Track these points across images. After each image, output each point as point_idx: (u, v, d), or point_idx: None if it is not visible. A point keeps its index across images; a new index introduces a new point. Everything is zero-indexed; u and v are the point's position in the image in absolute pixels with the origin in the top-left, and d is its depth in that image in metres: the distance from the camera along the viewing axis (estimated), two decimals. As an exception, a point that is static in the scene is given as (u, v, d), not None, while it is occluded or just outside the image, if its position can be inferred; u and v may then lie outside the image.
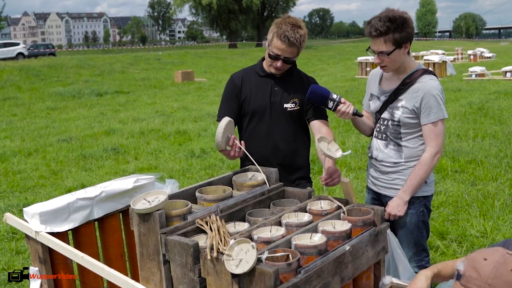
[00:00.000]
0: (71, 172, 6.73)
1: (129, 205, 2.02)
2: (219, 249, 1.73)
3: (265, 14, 55.20)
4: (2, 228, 4.50)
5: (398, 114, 2.56)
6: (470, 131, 7.70)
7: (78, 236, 2.38)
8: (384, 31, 2.40)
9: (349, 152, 2.49)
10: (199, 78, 20.27)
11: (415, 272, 2.28)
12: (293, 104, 2.71)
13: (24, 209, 2.29)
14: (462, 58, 25.67)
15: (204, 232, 1.95)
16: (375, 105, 2.70)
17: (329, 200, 2.23)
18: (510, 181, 5.33)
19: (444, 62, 16.71)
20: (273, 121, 2.71)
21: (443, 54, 19.13)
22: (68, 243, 2.31)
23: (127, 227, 2.57)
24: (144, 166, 6.85)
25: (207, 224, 1.94)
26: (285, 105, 2.70)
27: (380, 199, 2.76)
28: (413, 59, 2.68)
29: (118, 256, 2.53)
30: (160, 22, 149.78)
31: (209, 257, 1.72)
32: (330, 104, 2.51)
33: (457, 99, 11.18)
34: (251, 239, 1.85)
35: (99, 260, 2.29)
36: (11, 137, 9.27)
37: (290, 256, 1.75)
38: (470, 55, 24.60)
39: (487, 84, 13.68)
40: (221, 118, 2.52)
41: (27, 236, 2.28)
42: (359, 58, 18.71)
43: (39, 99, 15.63)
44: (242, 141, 2.53)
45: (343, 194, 2.33)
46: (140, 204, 1.97)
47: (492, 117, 8.88)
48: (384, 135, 2.65)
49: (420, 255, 2.70)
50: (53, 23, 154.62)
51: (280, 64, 2.62)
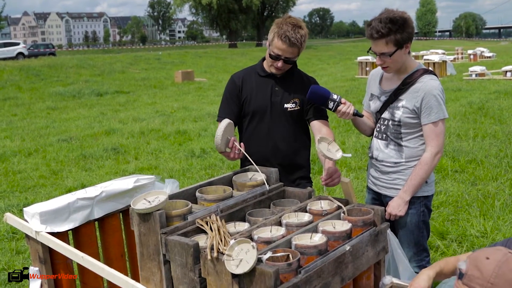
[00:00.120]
0: (71, 172, 6.73)
1: (130, 205, 2.02)
2: (220, 249, 1.73)
3: (265, 14, 55.23)
4: (2, 228, 4.50)
5: (399, 114, 2.56)
6: (470, 131, 7.70)
7: (78, 236, 2.38)
8: (386, 33, 2.39)
9: (349, 155, 2.49)
10: (199, 78, 20.27)
11: (416, 272, 2.28)
12: (294, 104, 2.71)
13: (24, 209, 2.29)
14: (462, 58, 25.68)
15: (204, 232, 1.95)
16: (376, 105, 2.70)
17: (329, 200, 2.23)
18: (510, 181, 5.33)
19: (444, 62, 16.70)
20: (274, 121, 2.71)
21: (443, 54, 19.10)
22: (68, 243, 2.31)
23: (128, 227, 2.57)
24: (144, 166, 6.85)
25: (207, 224, 1.94)
26: (286, 105, 2.70)
27: (381, 199, 2.76)
28: (413, 59, 2.68)
29: (119, 256, 2.53)
30: (160, 22, 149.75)
31: (210, 257, 1.72)
32: (331, 105, 2.50)
33: (457, 99, 11.18)
34: (251, 239, 1.85)
35: (99, 260, 2.29)
36: (11, 137, 9.27)
37: (290, 256, 1.75)
38: (470, 55, 24.62)
39: (487, 84, 13.67)
40: (222, 119, 2.52)
41: (27, 236, 2.28)
42: (359, 58, 18.72)
43: (39, 99, 15.63)
44: (242, 143, 2.53)
45: (343, 194, 2.33)
46: (141, 204, 1.97)
47: (492, 117, 8.87)
48: (385, 135, 2.65)
49: (421, 255, 2.70)
50: (53, 23, 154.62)
51: (281, 64, 2.62)
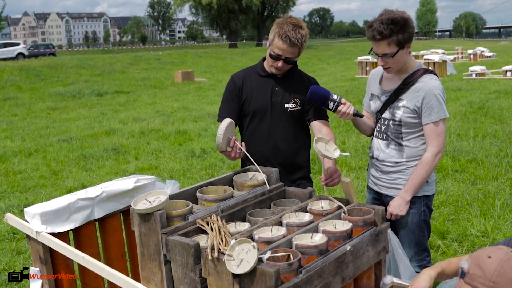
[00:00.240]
0: (72, 172, 6.73)
1: (130, 205, 2.02)
2: (220, 249, 1.73)
3: (265, 14, 55.23)
4: (3, 229, 4.50)
5: (399, 114, 2.56)
6: (471, 131, 7.69)
7: (79, 236, 2.38)
8: (388, 34, 2.39)
9: (348, 154, 2.49)
10: (199, 78, 20.27)
11: (416, 272, 2.28)
12: (294, 104, 2.71)
13: (25, 210, 2.29)
14: (462, 58, 25.68)
15: (205, 232, 1.95)
16: (376, 105, 2.70)
17: (330, 200, 2.23)
18: (511, 181, 5.33)
19: (444, 62, 16.70)
20: (274, 121, 2.71)
21: (443, 54, 19.11)
22: (69, 243, 2.31)
23: (128, 227, 2.58)
24: (145, 166, 6.85)
25: (208, 224, 1.94)
26: (286, 105, 2.70)
27: (382, 199, 2.76)
28: (414, 59, 2.68)
29: (119, 256, 2.53)
30: (160, 22, 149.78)
31: (210, 257, 1.72)
32: (331, 105, 2.50)
33: (458, 99, 11.17)
34: (252, 239, 1.85)
35: (100, 260, 2.29)
36: (12, 137, 9.27)
37: (291, 256, 1.75)
38: (470, 55, 24.63)
39: (487, 84, 13.66)
40: (222, 118, 2.52)
41: (28, 237, 2.28)
42: (359, 58, 18.72)
43: (40, 99, 15.63)
44: (243, 143, 2.53)
45: (344, 194, 2.33)
46: (141, 204, 1.97)
47: (493, 117, 8.87)
48: (385, 135, 2.65)
49: (422, 255, 2.70)
50: (53, 23, 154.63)
51: (281, 64, 2.62)
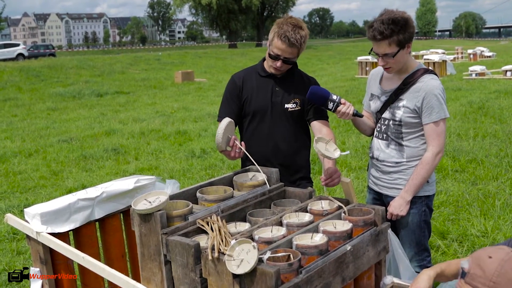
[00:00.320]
0: (72, 173, 6.73)
1: (130, 206, 2.02)
2: (220, 250, 1.73)
3: (265, 14, 55.24)
4: (3, 229, 4.50)
5: (400, 114, 2.56)
6: (471, 131, 7.69)
7: (79, 237, 2.38)
8: (389, 34, 2.39)
9: (348, 153, 2.49)
10: (199, 78, 20.27)
11: (417, 272, 2.28)
12: (294, 104, 2.71)
13: (25, 210, 2.29)
14: (462, 57, 25.69)
15: (205, 233, 1.95)
16: (376, 105, 2.70)
17: (330, 200, 2.23)
18: (511, 181, 5.33)
19: (444, 61, 16.70)
20: (274, 121, 2.71)
21: (443, 53, 19.12)
22: (69, 244, 2.31)
23: (128, 228, 2.58)
24: (145, 167, 6.85)
25: (208, 225, 1.94)
26: (286, 105, 2.70)
27: (382, 199, 2.76)
28: (414, 59, 2.68)
29: (119, 257, 2.53)
30: (160, 22, 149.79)
31: (210, 258, 1.72)
32: (330, 105, 2.50)
33: (457, 98, 11.17)
34: (252, 239, 1.85)
35: (100, 261, 2.29)
36: (12, 138, 9.27)
37: (291, 256, 1.75)
38: (470, 54, 24.63)
39: (487, 83, 13.66)
40: (222, 119, 2.52)
41: (28, 237, 2.28)
42: (359, 58, 18.72)
43: (40, 100, 15.63)
44: (243, 142, 2.53)
45: (344, 194, 2.33)
46: (141, 205, 1.97)
47: (493, 116, 8.87)
48: (385, 135, 2.65)
49: (422, 255, 2.70)
50: (53, 24, 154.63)
51: (280, 64, 2.62)
